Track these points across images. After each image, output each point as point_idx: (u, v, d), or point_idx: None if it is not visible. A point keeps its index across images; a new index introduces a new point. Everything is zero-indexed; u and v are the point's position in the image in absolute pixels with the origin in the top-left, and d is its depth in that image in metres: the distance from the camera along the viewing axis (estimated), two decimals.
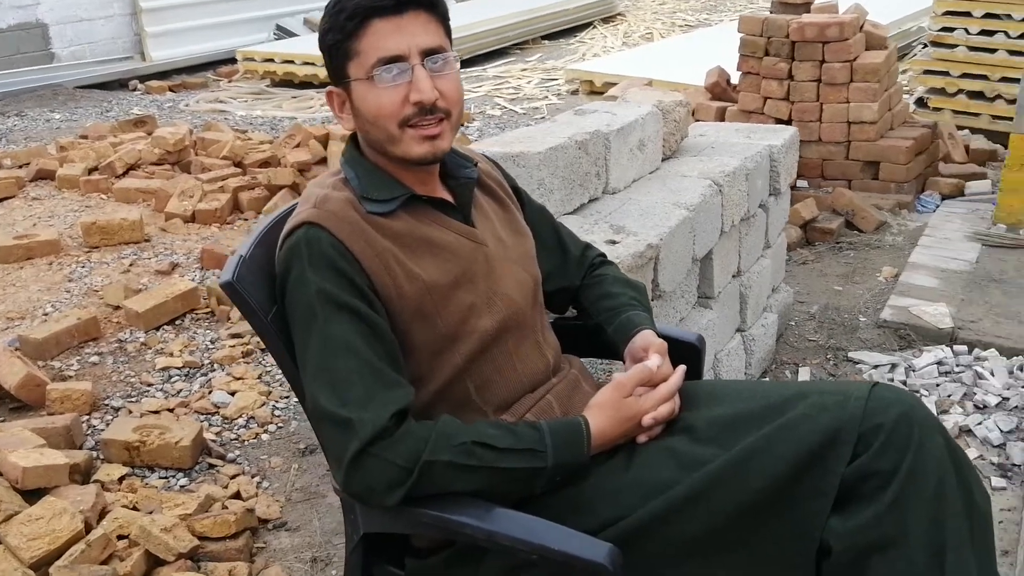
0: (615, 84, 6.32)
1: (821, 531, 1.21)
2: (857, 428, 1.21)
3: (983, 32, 5.51)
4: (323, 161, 4.54)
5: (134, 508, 2.25)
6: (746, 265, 2.85)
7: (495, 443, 1.27)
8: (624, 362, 1.53)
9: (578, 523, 1.25)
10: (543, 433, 1.30)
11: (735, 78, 5.01)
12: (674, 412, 1.39)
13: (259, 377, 2.86)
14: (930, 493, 1.18)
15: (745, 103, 4.77)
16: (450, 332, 1.36)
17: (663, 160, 2.75)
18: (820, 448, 1.22)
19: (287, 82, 7.62)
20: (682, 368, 1.44)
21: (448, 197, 1.45)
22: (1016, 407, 2.73)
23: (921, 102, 5.85)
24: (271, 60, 7.65)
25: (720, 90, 5.12)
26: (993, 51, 5.47)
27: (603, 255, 1.75)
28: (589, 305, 1.66)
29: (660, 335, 1.53)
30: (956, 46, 5.59)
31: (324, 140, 4.68)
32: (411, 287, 1.33)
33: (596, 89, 6.84)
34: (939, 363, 2.98)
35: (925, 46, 6.46)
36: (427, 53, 1.32)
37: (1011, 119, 5.22)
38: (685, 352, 1.57)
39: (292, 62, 7.51)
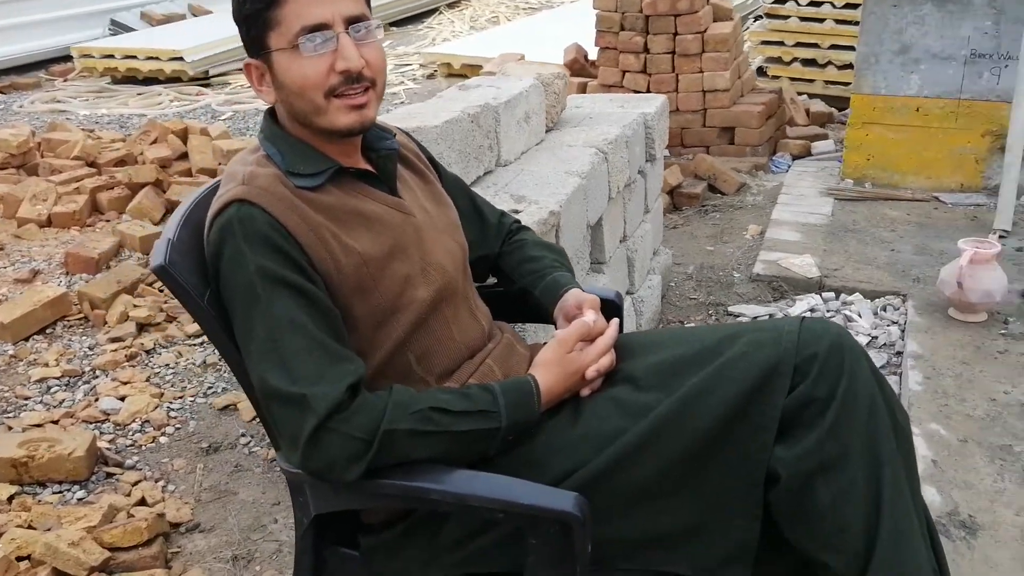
0: (474, 66, 6.35)
1: (767, 462, 1.27)
2: (793, 360, 1.28)
3: (812, 3, 5.86)
4: (184, 156, 4.36)
5: (30, 527, 2.12)
6: (631, 230, 2.94)
7: (451, 407, 1.27)
8: (555, 322, 1.56)
9: (532, 480, 1.27)
10: (495, 394, 1.31)
11: (592, 54, 5.13)
12: (613, 364, 1.43)
13: (148, 379, 2.74)
14: (864, 415, 1.26)
15: (605, 77, 4.90)
16: (389, 304, 1.35)
17: (547, 132, 2.80)
18: (760, 383, 1.28)
19: (130, 79, 7.24)
20: (616, 320, 1.48)
21: (371, 169, 1.44)
22: (884, 344, 2.95)
23: (761, 71, 6.16)
24: (111, 56, 7.25)
25: (579, 66, 5.24)
26: (822, 20, 5.82)
27: (519, 221, 1.77)
28: (511, 271, 1.67)
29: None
30: (788, 17, 5.92)
31: (182, 135, 4.49)
32: (348, 261, 1.31)
33: (455, 72, 6.85)
34: (812, 310, 3.17)
35: (759, 18, 6.81)
36: (351, 21, 1.30)
37: (842, 84, 5.61)
38: (606, 309, 1.61)
39: (134, 57, 7.14)
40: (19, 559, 1.99)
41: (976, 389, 2.52)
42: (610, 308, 1.65)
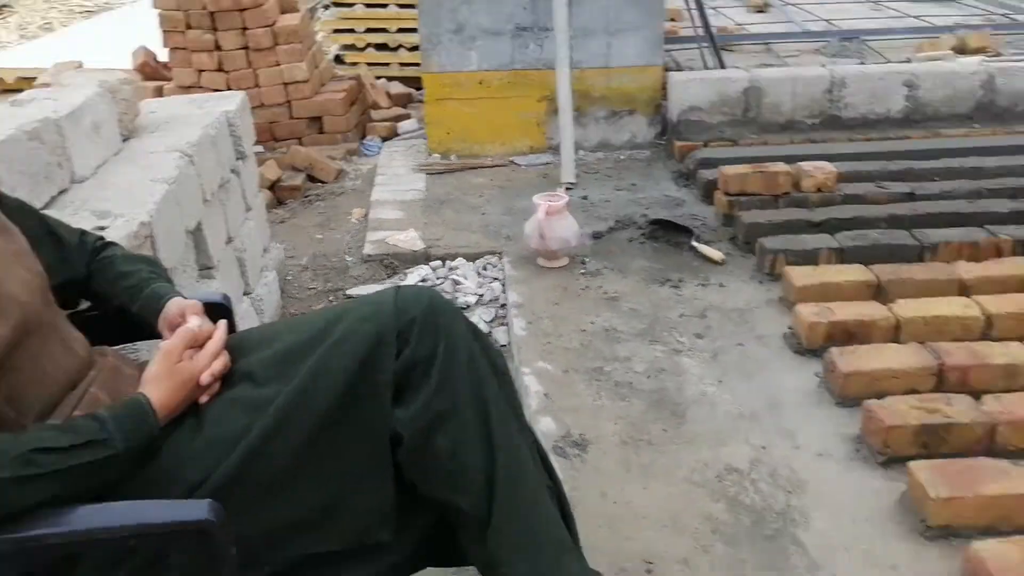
0: (31, 79, 5.73)
1: (389, 427, 1.35)
2: (395, 327, 1.37)
3: None
4: None
5: None
6: (234, 230, 2.89)
7: (55, 444, 1.19)
8: (161, 334, 1.51)
9: (166, 497, 1.24)
10: (103, 421, 1.25)
11: (163, 55, 4.90)
12: (227, 365, 1.42)
13: None
14: (464, 366, 1.39)
15: (181, 79, 4.71)
16: None
17: (124, 141, 2.65)
18: (368, 355, 1.35)
19: None
20: (223, 322, 1.48)
21: None
22: (490, 300, 3.21)
23: (339, 59, 6.29)
24: None
25: (151, 70, 4.97)
26: (385, 6, 6.07)
27: (103, 238, 1.68)
28: (104, 290, 1.59)
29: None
30: (354, 4, 6.09)
31: None
32: None
33: (9, 87, 6.12)
34: (423, 279, 3.36)
35: (328, 7, 6.93)
36: None
37: (415, 64, 5.91)
38: (216, 312, 1.59)
39: None
40: None
41: (569, 324, 2.85)
42: (218, 310, 1.62)
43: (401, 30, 6.06)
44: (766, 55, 5.14)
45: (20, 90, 5.83)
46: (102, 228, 1.99)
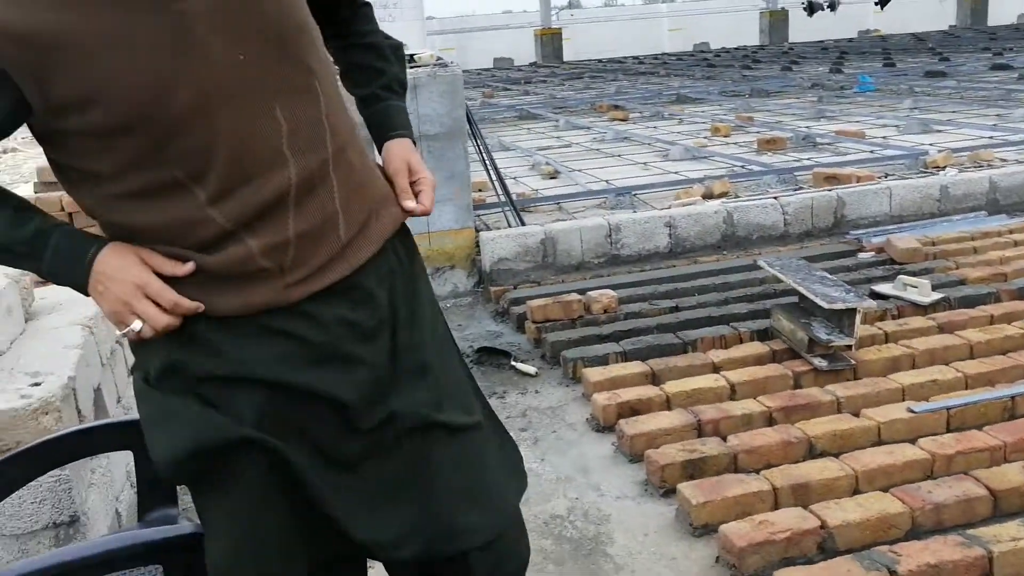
0: None
1: None
2: None
3: None
4: None
5: None
6: (122, 391, 3.36)
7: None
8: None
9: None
10: (48, 247, 1.26)
11: None
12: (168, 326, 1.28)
13: None
14: None
15: None
16: None
17: (27, 321, 3.13)
18: None
19: None
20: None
21: None
22: None
23: None
24: None
25: None
26: None
27: None
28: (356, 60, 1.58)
29: None
30: None
31: None
32: None
33: None
34: None
35: None
36: None
37: None
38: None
39: None
40: None
41: None
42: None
43: None
44: (559, 212, 6.12)
45: None
46: (36, 384, 2.48)
